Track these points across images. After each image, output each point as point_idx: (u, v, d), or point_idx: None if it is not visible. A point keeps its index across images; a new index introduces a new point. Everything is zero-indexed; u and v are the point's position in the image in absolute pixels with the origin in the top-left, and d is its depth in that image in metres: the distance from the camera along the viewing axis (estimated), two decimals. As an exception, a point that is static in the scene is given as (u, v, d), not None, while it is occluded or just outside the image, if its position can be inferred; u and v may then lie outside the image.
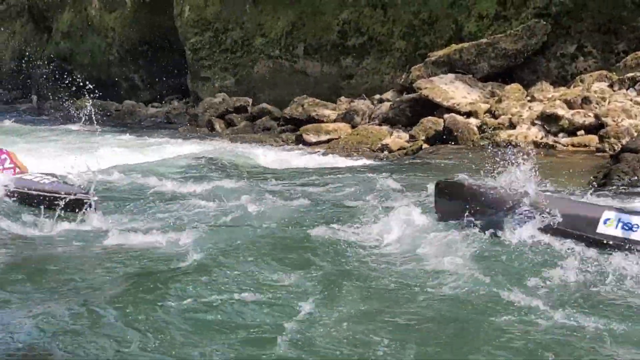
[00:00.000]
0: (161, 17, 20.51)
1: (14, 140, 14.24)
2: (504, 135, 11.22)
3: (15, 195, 7.15)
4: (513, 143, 10.91)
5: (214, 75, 18.20)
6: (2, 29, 32.80)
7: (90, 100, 20.90)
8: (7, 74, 30.76)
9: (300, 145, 13.52)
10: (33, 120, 22.22)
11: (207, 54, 18.37)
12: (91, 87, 15.16)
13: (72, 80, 25.15)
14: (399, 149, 11.96)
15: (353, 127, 13.76)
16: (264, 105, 16.38)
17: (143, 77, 22.09)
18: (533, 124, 11.45)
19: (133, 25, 21.89)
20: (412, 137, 12.38)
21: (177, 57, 20.03)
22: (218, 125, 16.64)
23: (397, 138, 12.52)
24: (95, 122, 11.57)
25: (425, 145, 11.79)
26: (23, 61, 28.94)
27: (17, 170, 7.91)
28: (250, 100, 16.92)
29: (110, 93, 22.75)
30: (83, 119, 15.64)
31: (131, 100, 21.73)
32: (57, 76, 25.94)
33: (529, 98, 12.34)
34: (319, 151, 12.63)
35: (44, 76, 26.92)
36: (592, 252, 4.80)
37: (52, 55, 26.28)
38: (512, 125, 11.56)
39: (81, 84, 23.81)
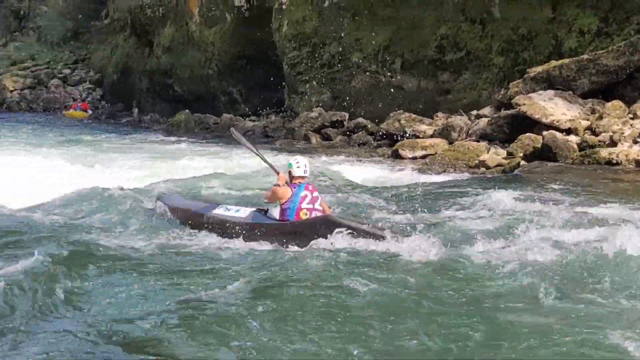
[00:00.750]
0: (260, 32, 21.35)
1: (115, 155, 15.33)
2: (604, 153, 11.32)
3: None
4: (614, 161, 11.07)
5: (311, 89, 18.88)
6: (106, 43, 34.71)
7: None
8: (110, 87, 32.48)
9: (396, 161, 13.94)
10: (133, 132, 23.36)
11: (304, 68, 19.07)
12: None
13: (172, 93, 26.51)
14: (496, 166, 12.17)
15: (450, 143, 14.08)
16: (360, 119, 16.92)
17: (241, 91, 23.03)
18: (635, 142, 11.50)
19: (232, 39, 22.85)
20: (509, 153, 12.58)
21: (274, 72, 20.81)
22: (314, 139, 17.29)
23: (495, 155, 12.73)
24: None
25: (522, 162, 11.98)
26: (125, 74, 30.58)
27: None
28: (347, 115, 17.48)
29: (209, 106, 23.85)
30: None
31: (229, 113, 22.66)
32: (157, 89, 27.32)
33: (630, 115, 12.35)
34: (414, 167, 12.90)
35: (145, 89, 28.36)
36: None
37: (153, 69, 27.64)
38: (613, 143, 11.64)
39: (181, 97, 25.16)
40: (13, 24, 49.32)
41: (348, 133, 16.93)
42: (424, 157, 13.81)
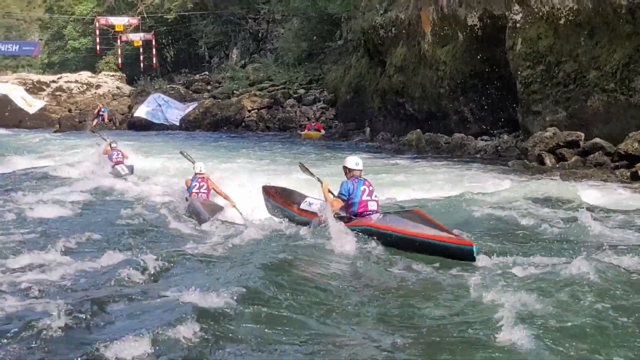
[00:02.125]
0: (492, 51, 22.04)
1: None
2: None
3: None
4: None
5: (545, 109, 19.24)
6: (339, 63, 37.02)
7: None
8: (343, 106, 34.62)
9: (636, 183, 14.05)
10: (367, 150, 25.00)
11: (538, 87, 19.47)
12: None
13: (403, 112, 27.85)
14: None
15: None
16: (597, 140, 17.06)
17: (473, 109, 23.78)
18: None
19: (464, 58, 23.71)
20: None
21: (507, 90, 21.39)
22: (548, 159, 17.69)
23: None
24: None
25: None
26: (358, 94, 32.51)
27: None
28: (582, 135, 17.68)
29: (439, 125, 24.88)
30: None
31: (460, 132, 23.49)
32: (389, 108, 28.82)
33: None
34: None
35: (377, 108, 29.99)
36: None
37: (385, 88, 29.20)
38: None
39: (412, 116, 26.38)
40: (252, 46, 53.82)
41: (583, 154, 17.15)
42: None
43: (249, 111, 39.37)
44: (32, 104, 44.64)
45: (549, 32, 19.21)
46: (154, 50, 55.77)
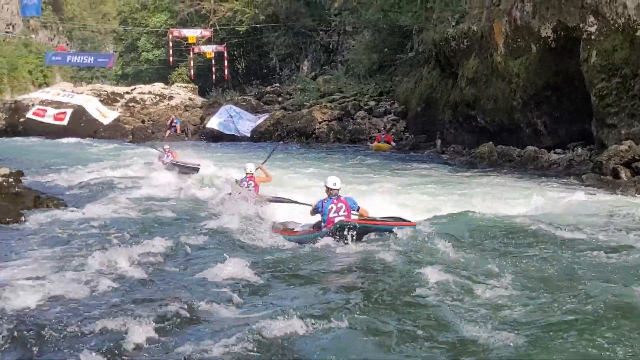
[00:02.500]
0: (566, 63, 22.01)
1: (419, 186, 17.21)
2: None
3: None
4: None
5: (620, 122, 19.16)
6: (410, 75, 37.27)
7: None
8: (414, 118, 34.84)
9: None
10: (438, 163, 25.22)
11: (613, 100, 19.40)
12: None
13: (475, 124, 27.94)
14: None
15: None
16: (673, 153, 16.99)
17: (546, 122, 23.74)
18: None
19: (538, 70, 23.70)
20: None
21: (581, 103, 21.34)
22: (623, 173, 17.61)
23: None
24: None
25: None
26: (429, 106, 32.69)
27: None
28: (659, 149, 17.59)
29: (512, 138, 24.87)
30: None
31: (533, 145, 23.46)
32: (460, 121, 28.94)
33: None
34: None
35: (448, 121, 30.13)
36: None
37: (456, 101, 29.32)
38: None
39: (484, 128, 26.45)
40: (323, 58, 54.50)
41: (661, 167, 17.07)
42: None
43: (320, 123, 39.77)
44: (106, 115, 45.79)
45: (624, 44, 19.15)
46: (225, 62, 56.97)
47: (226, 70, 57.33)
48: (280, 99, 47.46)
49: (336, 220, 10.47)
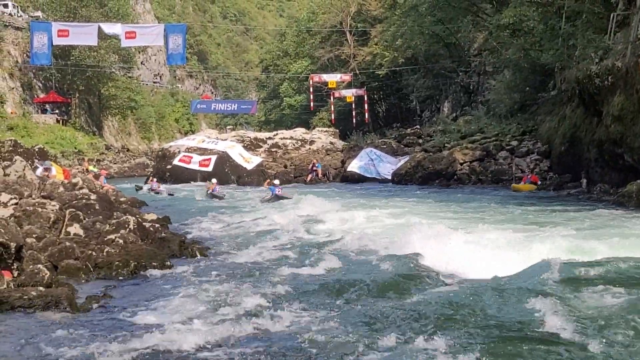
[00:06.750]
0: None
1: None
2: None
3: None
4: None
5: None
6: (553, 114, 37.11)
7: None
8: (557, 157, 34.63)
9: None
10: (585, 203, 25.04)
11: None
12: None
13: (622, 162, 27.58)
14: None
15: None
16: None
17: (697, 159, 23.27)
18: None
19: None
20: None
21: None
22: None
23: None
24: None
25: None
26: (573, 145, 32.47)
27: None
28: None
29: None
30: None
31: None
32: (606, 159, 28.64)
33: None
34: None
35: (594, 159, 29.85)
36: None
37: (602, 139, 29.04)
38: None
39: (632, 167, 26.10)
40: (463, 99, 54.94)
41: None
42: None
43: (461, 164, 39.99)
44: (249, 160, 47.97)
45: None
46: (365, 105, 58.39)
47: (366, 114, 58.72)
48: (420, 140, 48.00)
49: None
